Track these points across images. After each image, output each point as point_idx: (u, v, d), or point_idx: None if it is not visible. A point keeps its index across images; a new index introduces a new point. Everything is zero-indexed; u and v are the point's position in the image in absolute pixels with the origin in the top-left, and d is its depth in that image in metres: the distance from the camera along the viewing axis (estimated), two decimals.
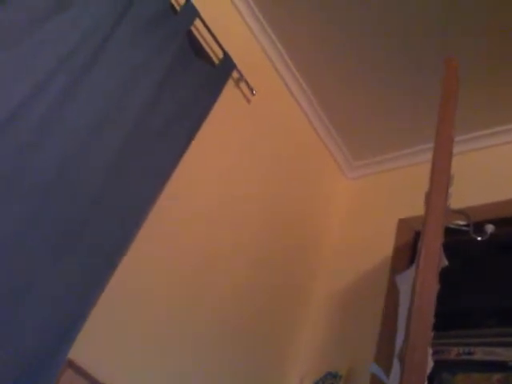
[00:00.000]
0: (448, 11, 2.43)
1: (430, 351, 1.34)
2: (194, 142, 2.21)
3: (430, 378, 1.41)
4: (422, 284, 1.34)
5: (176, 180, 2.13)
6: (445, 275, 1.50)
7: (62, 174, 1.74)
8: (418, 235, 2.53)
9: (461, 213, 1.92)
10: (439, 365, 2.07)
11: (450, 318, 2.44)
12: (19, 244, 1.59)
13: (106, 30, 1.95)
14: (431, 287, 1.34)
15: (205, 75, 2.33)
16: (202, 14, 2.34)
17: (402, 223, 2.77)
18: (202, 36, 2.43)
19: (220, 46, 2.45)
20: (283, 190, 2.83)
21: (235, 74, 2.57)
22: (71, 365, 1.70)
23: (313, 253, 2.94)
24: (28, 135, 1.67)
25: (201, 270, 2.28)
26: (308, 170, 3.07)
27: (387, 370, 1.77)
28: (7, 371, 1.50)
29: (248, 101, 2.68)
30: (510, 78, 2.59)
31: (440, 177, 1.55)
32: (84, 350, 1.72)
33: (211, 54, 2.46)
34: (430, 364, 1.38)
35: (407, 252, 2.61)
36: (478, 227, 1.98)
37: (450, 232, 1.62)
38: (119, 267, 1.84)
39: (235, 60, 2.51)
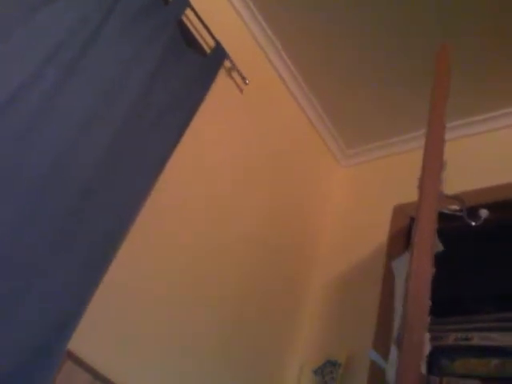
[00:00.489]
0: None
1: (428, 335, 1.35)
2: (186, 133, 2.20)
3: (429, 364, 1.42)
4: (417, 267, 1.35)
5: (169, 172, 2.12)
6: (442, 261, 1.50)
7: (56, 169, 1.73)
8: (413, 221, 2.52)
9: (454, 198, 1.92)
10: (438, 351, 2.08)
11: (448, 304, 2.45)
12: (16, 241, 1.59)
13: (95, 21, 1.94)
14: (426, 270, 1.34)
15: (197, 65, 2.32)
16: (193, 4, 2.33)
17: (397, 209, 2.77)
18: (194, 26, 2.42)
19: (211, 35, 2.44)
20: (277, 179, 2.83)
21: (227, 64, 2.56)
22: (70, 356, 1.70)
23: (309, 241, 2.94)
24: (19, 129, 1.67)
25: (199, 261, 2.28)
26: (302, 158, 3.07)
27: (386, 356, 1.78)
28: (5, 365, 1.50)
29: (241, 90, 2.67)
30: (503, 63, 2.59)
31: (432, 162, 1.56)
32: (83, 341, 1.72)
33: (203, 44, 2.45)
34: (428, 348, 1.39)
35: (403, 238, 2.61)
36: (472, 212, 1.98)
37: (444, 217, 1.63)
38: (118, 261, 1.84)
39: (227, 49, 2.50)
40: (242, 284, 2.47)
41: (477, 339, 2.28)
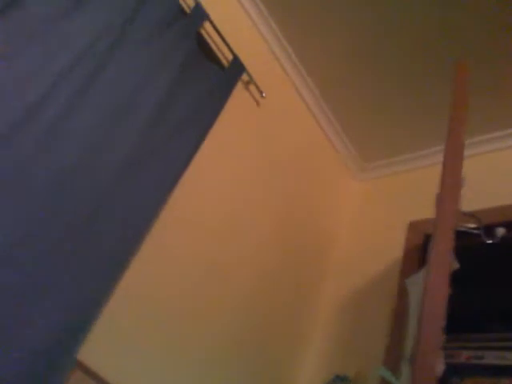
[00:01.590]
0: (459, 17, 2.42)
1: (442, 354, 1.34)
2: (203, 144, 2.21)
3: (439, 382, 1.41)
4: (433, 287, 1.34)
5: (187, 181, 2.14)
6: (456, 278, 1.49)
7: (73, 177, 1.75)
8: (428, 238, 2.51)
9: (472, 216, 1.91)
10: (448, 369, 2.06)
11: (460, 321, 2.43)
12: (29, 248, 1.60)
13: (116, 32, 1.96)
14: (442, 290, 1.33)
15: (214, 78, 2.33)
16: (212, 16, 2.35)
17: (413, 226, 2.75)
18: (212, 38, 2.44)
19: (229, 48, 2.45)
20: (293, 192, 2.83)
21: (245, 77, 2.57)
22: (80, 366, 1.70)
23: (323, 255, 2.93)
24: (41, 135, 1.69)
25: (213, 266, 2.28)
26: (318, 172, 3.06)
27: (396, 373, 1.77)
28: (18, 371, 1.50)
29: (257, 103, 2.68)
30: None
31: (451, 179, 1.54)
32: (93, 351, 1.72)
33: (221, 57, 2.46)
34: (442, 367, 1.37)
35: (417, 255, 2.60)
36: (489, 230, 1.97)
37: (460, 235, 1.61)
38: (128, 272, 1.85)
39: (244, 62, 2.51)
40: (253, 296, 2.46)
41: (489, 358, 2.26)
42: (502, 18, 2.36)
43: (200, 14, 2.30)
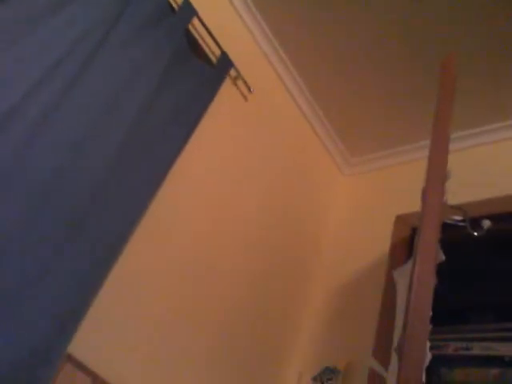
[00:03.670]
0: (448, 10, 2.44)
1: (428, 344, 1.36)
2: (191, 140, 2.22)
3: (429, 373, 1.43)
4: (419, 278, 1.36)
5: (174, 178, 2.15)
6: (442, 270, 1.51)
7: (60, 173, 1.75)
8: (414, 232, 2.54)
9: (458, 208, 1.94)
10: (437, 360, 2.09)
11: (448, 313, 2.46)
12: (18, 244, 1.60)
13: (103, 29, 1.96)
14: (428, 281, 1.35)
15: (202, 74, 2.34)
16: (200, 13, 2.36)
17: (399, 220, 2.78)
18: (200, 35, 2.44)
19: (217, 44, 2.46)
20: (280, 187, 2.85)
21: (233, 72, 2.58)
22: (70, 359, 1.71)
23: (311, 249, 2.95)
24: (25, 133, 1.68)
25: (200, 264, 2.29)
26: (305, 167, 3.08)
27: (385, 364, 1.79)
28: (7, 365, 1.51)
29: (245, 99, 2.69)
30: (508, 75, 2.60)
31: (436, 173, 1.56)
32: (83, 344, 1.73)
33: (209, 53, 2.47)
34: (428, 357, 1.40)
35: (404, 248, 2.63)
36: (475, 223, 1.99)
37: (447, 227, 1.64)
38: (118, 266, 1.86)
39: (232, 58, 2.52)
40: (242, 292, 2.47)
41: (477, 349, 2.29)
42: (491, 16, 2.39)
43: (188, 11, 2.30)
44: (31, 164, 1.68)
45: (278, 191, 2.82)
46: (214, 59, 2.47)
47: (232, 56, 2.52)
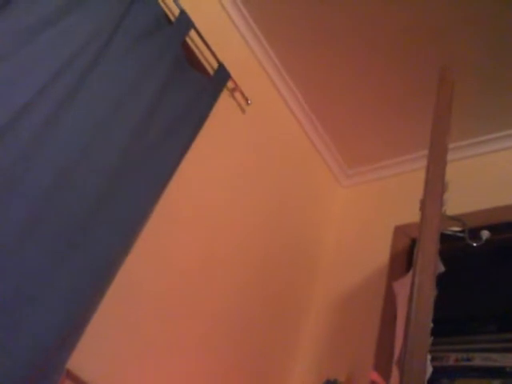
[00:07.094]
0: (445, 18, 2.44)
1: (429, 357, 1.35)
2: (189, 152, 2.22)
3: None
4: (419, 290, 1.35)
5: (172, 190, 2.14)
6: (442, 281, 1.51)
7: (61, 182, 1.74)
8: (414, 242, 2.54)
9: (456, 219, 1.94)
10: (438, 371, 2.08)
11: (449, 324, 2.45)
12: (18, 253, 1.59)
13: (101, 40, 1.96)
14: (428, 293, 1.34)
15: (200, 86, 2.34)
16: (197, 24, 2.36)
17: (398, 230, 2.77)
18: (197, 46, 2.45)
19: (215, 56, 2.46)
20: (278, 198, 2.84)
21: (230, 84, 2.58)
22: (69, 375, 1.70)
23: (310, 261, 2.94)
24: (25, 143, 1.68)
25: (199, 276, 2.28)
26: (303, 178, 3.08)
27: (386, 376, 1.78)
28: (6, 379, 1.49)
29: (243, 111, 2.69)
30: (505, 84, 2.60)
31: (434, 183, 1.56)
32: (82, 360, 1.72)
33: (206, 65, 2.47)
34: (429, 370, 1.39)
35: (403, 259, 2.62)
36: (474, 233, 1.99)
37: (445, 238, 1.63)
38: (120, 275, 1.84)
39: (230, 70, 2.52)
40: (241, 303, 2.46)
41: (478, 360, 2.28)
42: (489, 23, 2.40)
43: (185, 23, 2.31)
44: (31, 173, 1.68)
45: (276, 203, 2.82)
46: (211, 71, 2.47)
47: (229, 67, 2.52)
